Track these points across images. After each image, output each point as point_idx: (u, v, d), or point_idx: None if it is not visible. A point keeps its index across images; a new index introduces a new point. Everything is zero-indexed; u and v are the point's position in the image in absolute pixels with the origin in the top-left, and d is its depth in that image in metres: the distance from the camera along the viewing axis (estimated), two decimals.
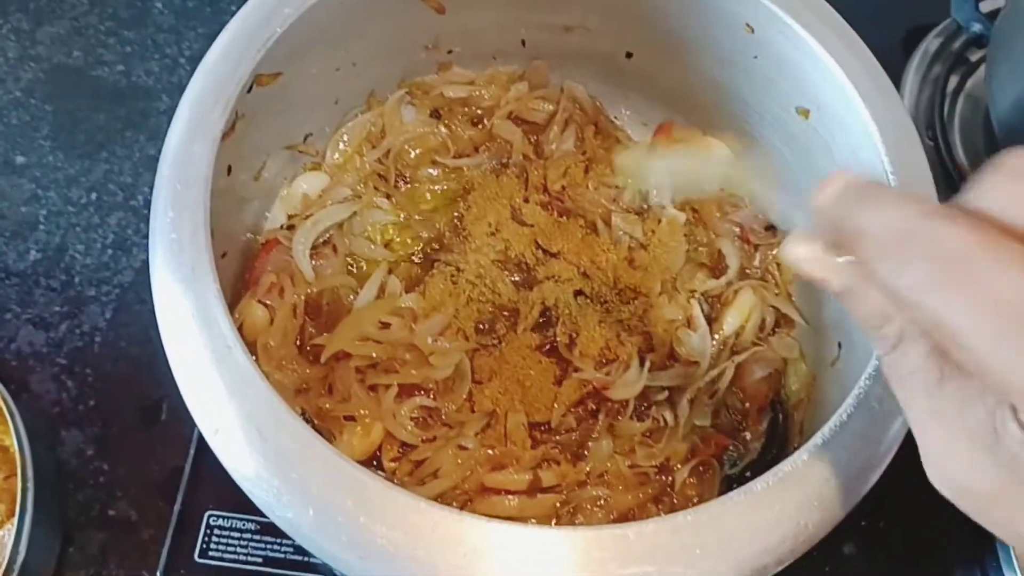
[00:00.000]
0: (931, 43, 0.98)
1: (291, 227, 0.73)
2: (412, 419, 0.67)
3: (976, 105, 0.94)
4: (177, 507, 0.78)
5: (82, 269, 0.95)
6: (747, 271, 0.75)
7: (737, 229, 0.76)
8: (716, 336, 0.72)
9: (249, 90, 0.59)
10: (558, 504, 0.65)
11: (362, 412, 0.65)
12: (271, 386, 0.48)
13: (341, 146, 0.76)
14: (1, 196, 0.98)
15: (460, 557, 0.46)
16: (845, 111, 0.62)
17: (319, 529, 0.47)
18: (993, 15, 0.91)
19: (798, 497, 0.48)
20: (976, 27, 0.93)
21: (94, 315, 0.93)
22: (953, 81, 0.95)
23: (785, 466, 0.49)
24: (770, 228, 0.77)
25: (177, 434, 0.86)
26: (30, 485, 0.74)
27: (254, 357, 0.60)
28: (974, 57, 0.96)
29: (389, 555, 0.46)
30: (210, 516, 0.78)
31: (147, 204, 0.97)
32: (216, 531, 0.78)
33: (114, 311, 0.93)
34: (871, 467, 0.50)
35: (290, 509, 0.47)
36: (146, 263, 0.93)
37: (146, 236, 0.94)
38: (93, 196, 0.99)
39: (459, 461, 0.65)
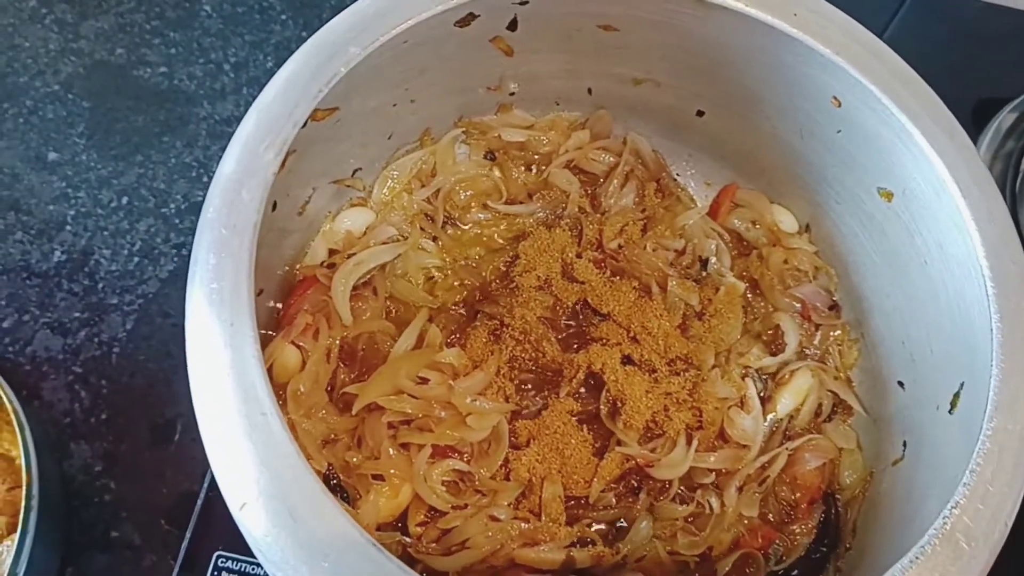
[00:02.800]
0: (1005, 118, 0.94)
1: (331, 265, 0.69)
2: (444, 482, 0.63)
3: None
4: (185, 544, 0.75)
5: (106, 275, 0.92)
6: (806, 351, 0.71)
7: (799, 305, 0.72)
8: (769, 418, 0.68)
9: (303, 126, 0.55)
10: None
11: (392, 472, 0.61)
12: (307, 464, 0.44)
13: (390, 183, 0.72)
14: (30, 192, 0.95)
15: None
16: (935, 200, 0.57)
17: None
18: None
19: None
20: None
21: (114, 324, 0.90)
22: None
23: None
24: (834, 307, 0.73)
25: (189, 457, 0.83)
26: (34, 504, 0.70)
27: (281, 402, 0.56)
28: None
29: None
30: (219, 557, 0.74)
31: (179, 213, 0.94)
32: (223, 574, 0.74)
33: (135, 322, 0.90)
34: None
35: None
36: (173, 274, 0.92)
37: (175, 246, 0.93)
38: (124, 200, 0.95)
39: (490, 533, 0.61)
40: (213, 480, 0.78)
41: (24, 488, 0.70)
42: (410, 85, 0.65)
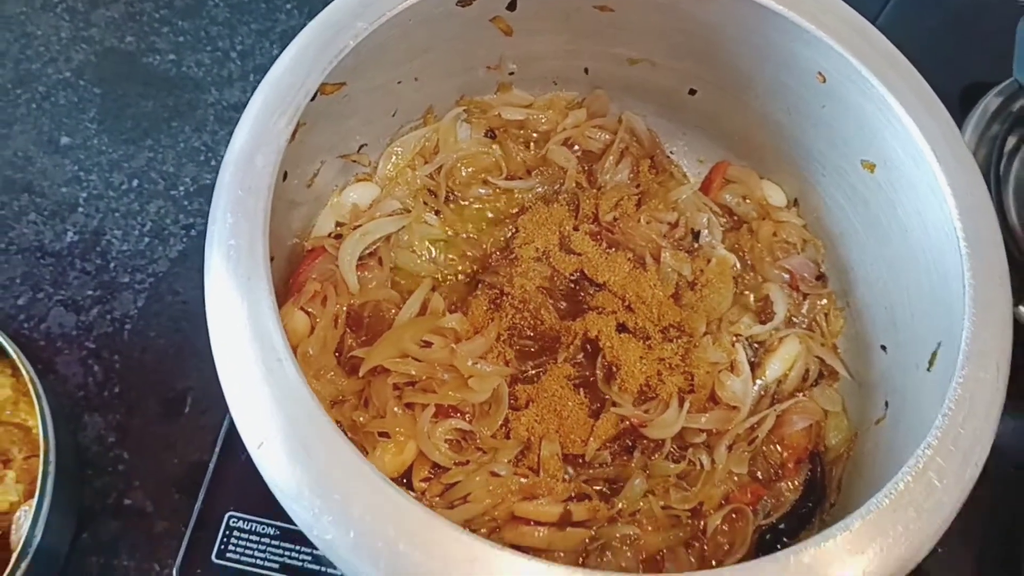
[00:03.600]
0: (991, 101, 0.96)
1: (338, 236, 0.72)
2: (446, 441, 0.66)
3: None
4: (198, 505, 0.78)
5: (118, 255, 0.95)
6: (794, 319, 0.74)
7: (787, 276, 0.75)
8: (758, 382, 0.71)
9: (313, 99, 0.58)
10: (587, 540, 0.64)
11: (397, 430, 0.64)
12: (320, 406, 0.47)
13: (394, 159, 0.75)
14: (43, 175, 0.98)
15: None
16: (914, 170, 0.61)
17: (357, 553, 0.46)
18: None
19: (850, 564, 0.47)
20: None
21: (126, 302, 0.92)
22: (1011, 141, 0.93)
23: (837, 531, 0.47)
24: (820, 278, 0.76)
25: (199, 428, 0.86)
26: (51, 469, 0.73)
27: None
28: None
29: None
30: (231, 517, 0.77)
31: (188, 195, 0.97)
32: (235, 533, 0.77)
33: (146, 300, 0.93)
34: (924, 541, 0.49)
35: (330, 530, 0.46)
36: (182, 253, 0.95)
37: (184, 227, 0.96)
38: (135, 183, 0.98)
39: (491, 487, 0.64)
40: (224, 446, 0.81)
41: (41, 455, 0.72)
42: (414, 63, 0.68)
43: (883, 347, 0.69)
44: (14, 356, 0.76)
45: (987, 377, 0.52)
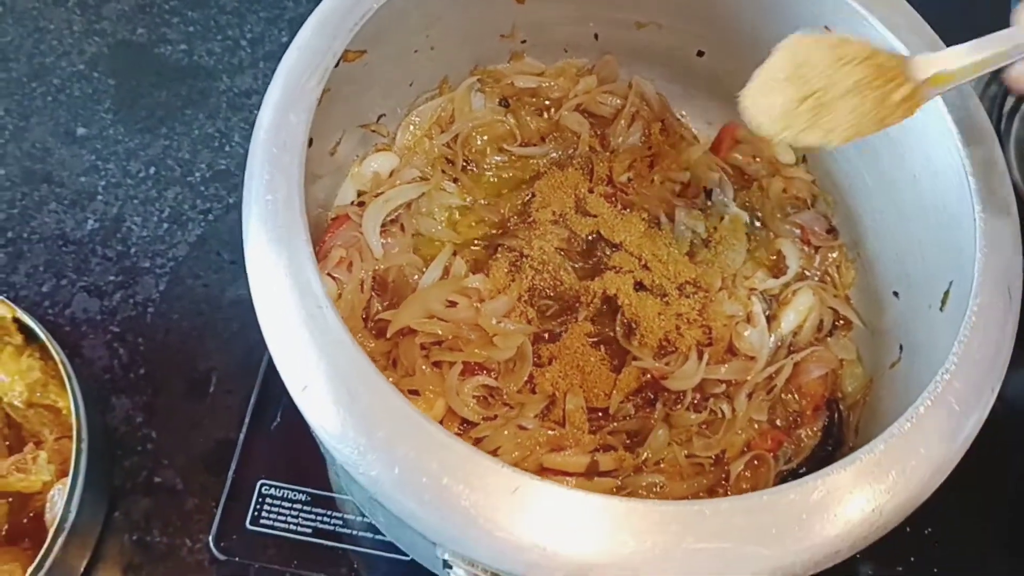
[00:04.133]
0: None
1: (361, 204, 0.74)
2: (474, 397, 0.68)
3: None
4: (230, 474, 0.79)
5: (138, 241, 0.96)
6: (806, 272, 0.76)
7: (798, 230, 0.77)
8: (774, 334, 0.73)
9: (336, 65, 0.60)
10: (614, 488, 0.66)
11: (427, 388, 0.66)
12: (361, 349, 0.49)
13: (412, 128, 0.77)
14: (61, 165, 1.00)
15: (540, 522, 0.47)
16: (921, 115, 0.62)
17: (403, 488, 0.47)
18: None
19: (873, 485, 0.49)
20: None
21: (148, 286, 0.94)
22: (1010, 102, 0.95)
23: (862, 454, 0.49)
24: (831, 231, 0.78)
25: (224, 407, 0.88)
26: (83, 447, 0.74)
27: None
28: None
29: (470, 516, 0.47)
30: (262, 485, 0.79)
31: (204, 181, 0.99)
32: (268, 500, 0.79)
33: (168, 283, 0.95)
34: (945, 462, 0.51)
35: (375, 467, 0.48)
36: (200, 238, 0.97)
37: (202, 212, 0.98)
38: (151, 170, 1.00)
39: (519, 440, 0.66)
40: (253, 417, 0.83)
41: (74, 434, 0.74)
42: (430, 32, 0.70)
43: (895, 293, 0.71)
44: (44, 339, 0.78)
45: (1000, 302, 0.53)
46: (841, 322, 0.75)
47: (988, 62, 0.50)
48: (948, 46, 0.59)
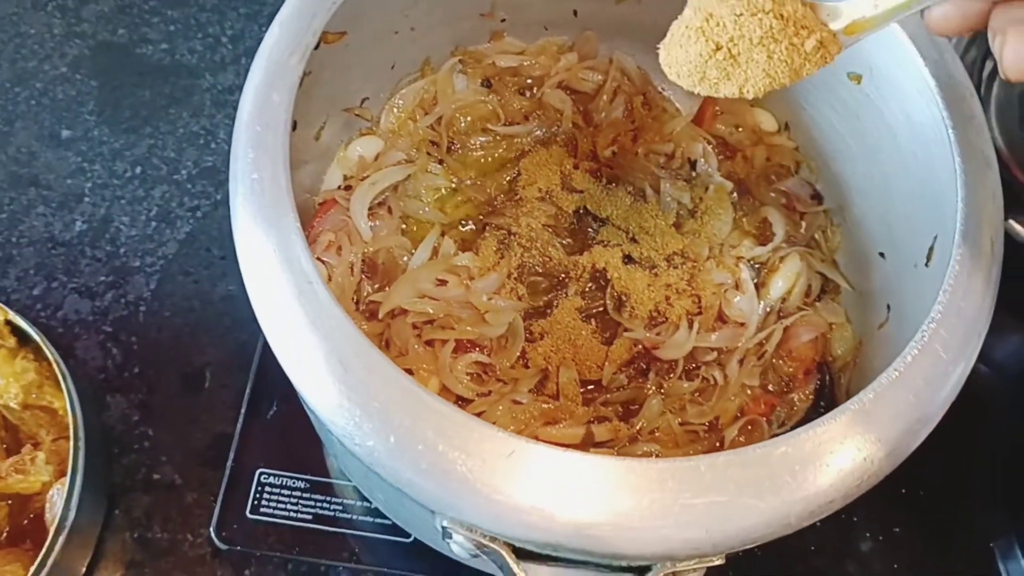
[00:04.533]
0: None
1: (347, 188, 0.74)
2: (468, 374, 0.68)
3: (1012, 89, 0.95)
4: (229, 463, 0.80)
5: (127, 240, 0.97)
6: (793, 238, 0.77)
7: (784, 198, 0.78)
8: (763, 300, 0.74)
9: (316, 46, 0.60)
10: None
11: (421, 366, 0.67)
12: (353, 323, 0.49)
13: (395, 111, 0.78)
14: (47, 168, 1.00)
15: (537, 484, 0.47)
16: (899, 72, 0.63)
17: (399, 456, 0.48)
18: None
19: (864, 434, 0.49)
20: None
21: (139, 285, 0.94)
22: (989, 65, 0.96)
23: (852, 404, 0.50)
24: (816, 196, 0.78)
25: (220, 401, 0.88)
26: (81, 446, 0.75)
27: None
28: None
29: (468, 482, 0.47)
30: (261, 474, 0.79)
31: (190, 179, 0.99)
32: (267, 488, 0.79)
33: (158, 282, 0.95)
34: (933, 409, 0.51)
35: (371, 437, 0.48)
36: (189, 235, 0.97)
37: (190, 209, 0.98)
38: (138, 170, 1.00)
39: (514, 415, 0.66)
40: (248, 407, 0.83)
41: (71, 433, 0.74)
42: (410, 12, 0.70)
43: (881, 254, 0.71)
44: (38, 340, 0.78)
45: (983, 251, 0.54)
46: (829, 286, 0.76)
47: (905, 6, 0.50)
48: None
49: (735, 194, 0.78)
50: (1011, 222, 0.83)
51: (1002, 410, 0.88)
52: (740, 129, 0.80)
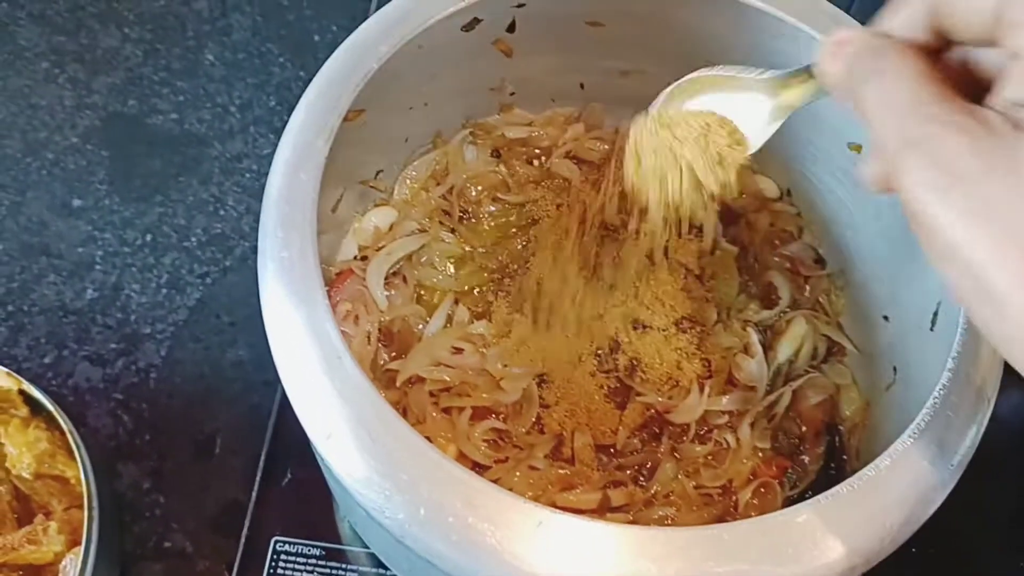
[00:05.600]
0: None
1: (363, 258, 0.76)
2: (484, 441, 0.69)
3: None
4: (244, 532, 0.80)
5: (137, 307, 0.98)
6: (798, 302, 0.78)
7: (787, 263, 0.80)
8: (771, 363, 0.75)
9: (344, 118, 0.62)
10: (627, 523, 0.67)
11: (439, 434, 0.68)
12: (381, 396, 0.50)
13: (408, 182, 0.80)
14: (59, 237, 1.01)
15: (565, 554, 0.48)
16: None
17: (429, 529, 0.49)
18: None
19: (883, 499, 0.50)
20: None
21: (149, 352, 0.95)
22: None
23: (868, 471, 0.51)
24: (819, 261, 0.80)
25: (231, 467, 0.88)
26: (95, 515, 0.75)
27: None
28: None
29: (497, 553, 0.48)
30: (276, 542, 0.80)
31: (200, 246, 1.01)
32: (283, 556, 0.79)
33: (169, 348, 0.95)
34: (948, 476, 0.53)
35: (401, 510, 0.49)
36: (200, 301, 0.99)
37: (200, 276, 0.99)
38: (148, 238, 1.02)
39: (531, 481, 0.67)
40: (264, 474, 0.84)
41: (85, 503, 0.74)
42: (424, 89, 0.73)
43: (885, 317, 0.73)
44: (51, 408, 0.78)
45: None
46: (835, 348, 0.77)
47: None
48: None
49: (739, 258, 0.80)
50: None
51: (1007, 465, 0.89)
52: (743, 195, 0.83)
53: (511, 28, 0.71)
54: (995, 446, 0.91)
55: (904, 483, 0.51)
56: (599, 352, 0.74)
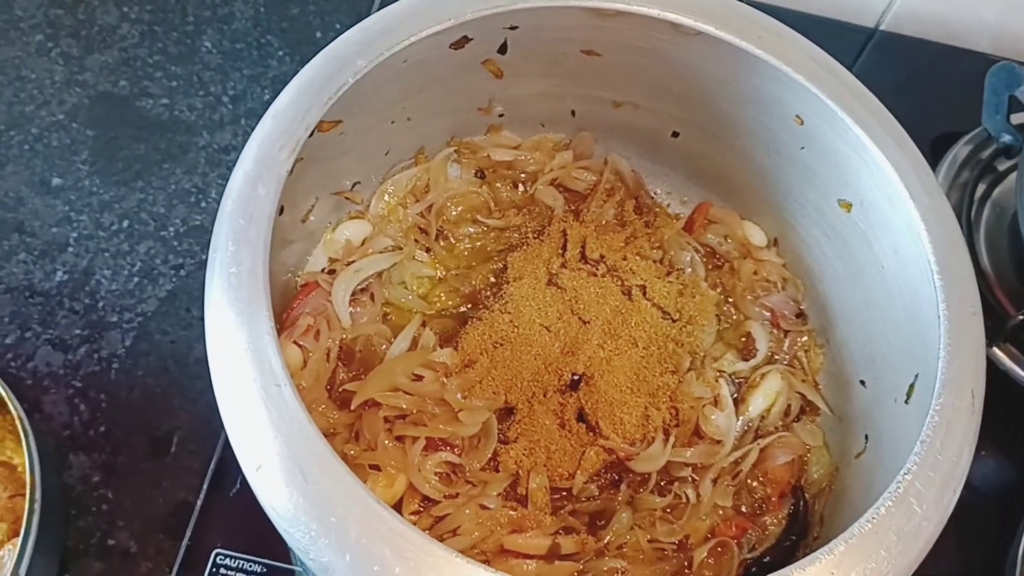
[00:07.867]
0: (960, 150, 1.00)
1: (332, 271, 0.73)
2: (436, 474, 0.67)
3: (1002, 213, 0.96)
4: (185, 542, 0.78)
5: (107, 295, 0.95)
6: (775, 356, 0.76)
7: (768, 313, 0.77)
8: (741, 418, 0.73)
9: (311, 135, 0.60)
10: (575, 573, 0.65)
11: (388, 462, 0.65)
12: (318, 430, 0.48)
13: (386, 197, 0.77)
14: (34, 215, 0.99)
15: None
16: (889, 208, 0.63)
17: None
18: (1023, 127, 0.94)
19: None
20: (1006, 138, 0.95)
21: (114, 341, 0.93)
22: (981, 188, 0.97)
23: (823, 555, 0.49)
24: (800, 315, 0.78)
25: (185, 468, 0.86)
26: (36, 507, 0.73)
27: None
28: (1002, 167, 0.98)
29: None
30: (217, 555, 0.77)
31: (177, 236, 0.98)
32: (222, 570, 0.77)
33: (134, 339, 0.93)
34: (905, 565, 0.50)
35: (326, 553, 0.47)
36: (171, 293, 0.96)
37: (174, 267, 0.97)
38: (125, 223, 1.00)
39: (480, 520, 0.65)
40: (212, 483, 0.81)
41: (28, 493, 0.72)
42: (407, 103, 0.71)
43: (862, 382, 0.71)
44: (3, 393, 0.76)
45: (963, 404, 0.53)
46: (808, 408, 0.75)
47: None
48: (916, 140, 0.61)
49: (720, 305, 0.77)
50: (995, 349, 0.83)
51: (980, 532, 0.87)
52: (729, 240, 0.80)
53: (502, 50, 0.69)
54: (969, 513, 0.90)
55: (857, 571, 0.49)
56: (564, 389, 0.72)
